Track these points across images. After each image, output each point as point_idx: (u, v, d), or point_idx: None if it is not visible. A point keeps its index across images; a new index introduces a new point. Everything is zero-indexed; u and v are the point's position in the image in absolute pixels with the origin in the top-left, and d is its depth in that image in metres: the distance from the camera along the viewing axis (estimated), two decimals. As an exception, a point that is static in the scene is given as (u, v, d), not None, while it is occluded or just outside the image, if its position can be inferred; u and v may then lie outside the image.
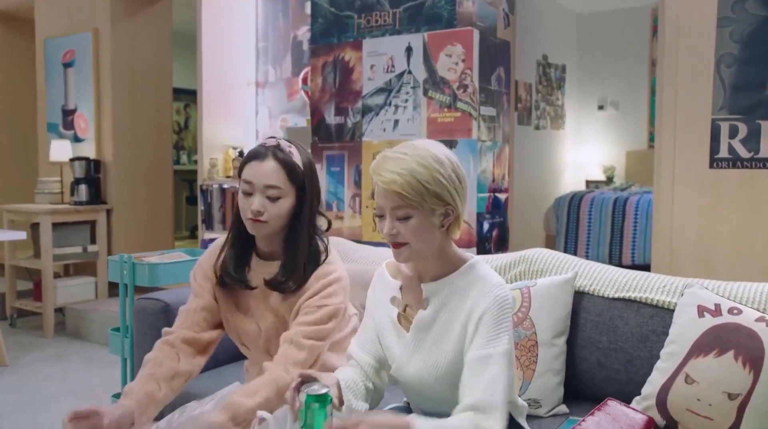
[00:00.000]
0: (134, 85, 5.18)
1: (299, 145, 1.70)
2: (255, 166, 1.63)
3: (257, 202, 1.61)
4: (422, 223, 1.40)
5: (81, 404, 1.50)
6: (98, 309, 4.63)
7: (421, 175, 1.37)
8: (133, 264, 2.53)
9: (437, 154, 1.41)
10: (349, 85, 3.72)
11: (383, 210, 1.42)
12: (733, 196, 2.65)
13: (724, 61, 2.65)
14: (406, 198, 1.37)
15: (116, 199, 5.10)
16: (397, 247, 1.43)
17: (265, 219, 1.62)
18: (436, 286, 1.49)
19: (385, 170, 1.39)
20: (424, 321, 1.49)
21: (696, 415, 1.56)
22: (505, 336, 1.40)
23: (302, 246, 1.68)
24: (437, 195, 1.39)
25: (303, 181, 1.64)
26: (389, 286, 1.57)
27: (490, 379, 1.36)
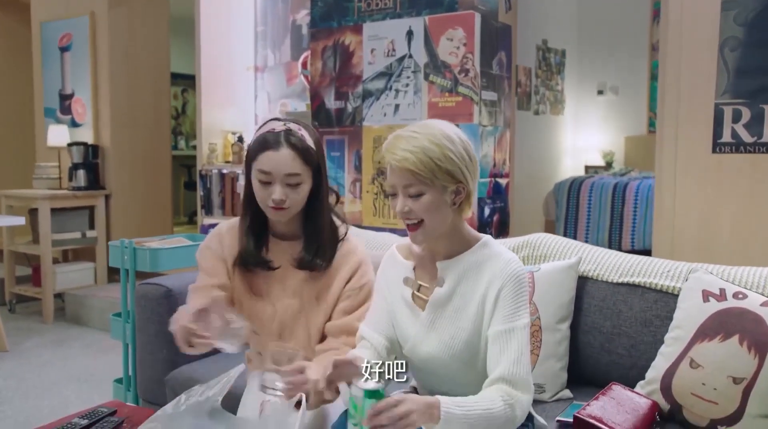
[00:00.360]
0: (132, 70, 5.14)
1: (305, 124, 1.68)
2: (271, 155, 1.59)
3: (278, 191, 1.59)
4: (434, 200, 1.42)
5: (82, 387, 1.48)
6: (98, 294, 4.62)
7: (433, 152, 1.39)
8: (134, 249, 2.52)
9: (448, 132, 1.44)
10: (350, 69, 3.69)
11: (395, 188, 1.45)
12: (735, 180, 2.64)
13: (728, 45, 2.63)
14: (418, 175, 1.39)
15: (115, 185, 5.08)
16: (413, 229, 1.46)
17: (287, 206, 1.61)
18: (450, 263, 1.51)
19: (397, 148, 1.41)
20: (440, 298, 1.50)
21: (701, 399, 1.57)
22: (524, 309, 1.45)
23: (323, 224, 1.69)
24: (449, 172, 1.41)
25: (318, 162, 1.65)
26: (402, 267, 1.58)
27: (515, 351, 1.40)
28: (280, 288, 1.73)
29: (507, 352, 1.40)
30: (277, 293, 1.73)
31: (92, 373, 3.53)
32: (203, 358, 2.29)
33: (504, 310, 1.43)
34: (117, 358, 3.71)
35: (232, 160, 4.40)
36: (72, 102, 5.22)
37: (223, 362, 2.21)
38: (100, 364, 3.70)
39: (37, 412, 3.00)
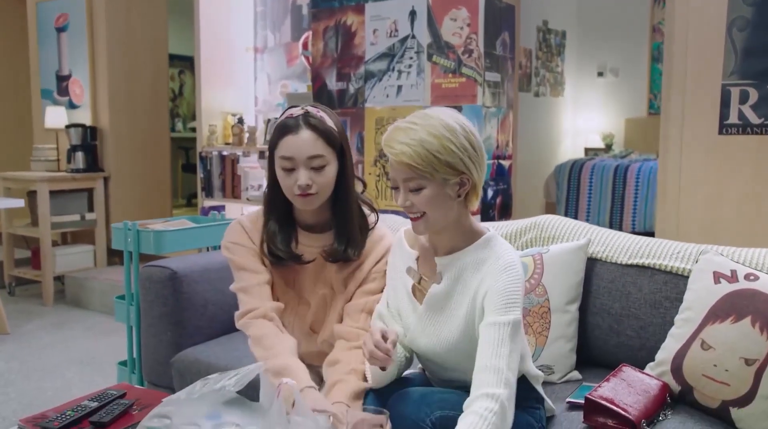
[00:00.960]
0: (130, 50, 5.09)
1: (324, 108, 1.64)
2: (291, 140, 1.55)
3: (303, 176, 1.54)
4: (435, 194, 1.38)
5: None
6: (98, 277, 4.61)
7: (431, 144, 1.35)
8: (138, 231, 2.50)
9: (449, 122, 1.38)
10: (351, 50, 3.66)
11: (396, 182, 1.41)
12: (741, 162, 2.63)
13: (736, 25, 2.61)
14: (416, 169, 1.35)
15: (114, 167, 5.05)
16: (415, 220, 1.43)
17: (314, 191, 1.56)
18: (450, 259, 1.47)
19: (394, 141, 1.37)
20: (437, 296, 1.48)
21: (712, 381, 1.56)
22: (516, 305, 1.38)
23: (352, 211, 1.65)
24: (449, 164, 1.36)
25: (341, 144, 1.60)
26: (406, 256, 1.56)
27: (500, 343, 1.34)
28: (313, 281, 1.69)
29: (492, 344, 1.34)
30: (311, 287, 1.70)
31: (94, 356, 3.53)
32: (208, 340, 2.29)
33: (494, 303, 1.37)
34: (119, 341, 3.72)
35: (233, 141, 4.37)
36: (69, 83, 5.16)
37: (226, 344, 2.20)
38: (102, 346, 3.69)
39: (40, 394, 2.99)
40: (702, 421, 1.56)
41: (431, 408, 1.38)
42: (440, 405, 1.40)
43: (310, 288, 1.70)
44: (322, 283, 1.69)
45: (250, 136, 4.27)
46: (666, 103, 2.86)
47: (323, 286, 1.69)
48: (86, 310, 4.51)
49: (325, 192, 1.60)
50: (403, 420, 1.37)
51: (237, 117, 4.43)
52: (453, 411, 1.40)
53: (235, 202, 4.32)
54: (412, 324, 1.53)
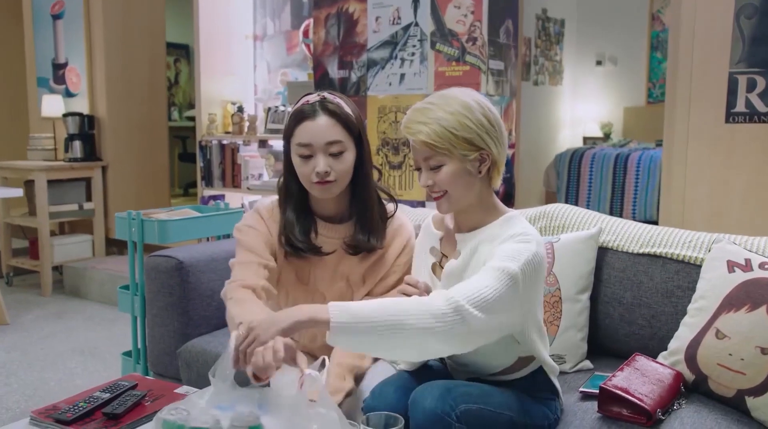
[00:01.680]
0: (127, 38, 5.03)
1: (341, 95, 1.62)
2: (308, 126, 1.52)
3: (322, 162, 1.52)
4: (456, 171, 1.40)
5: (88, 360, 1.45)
6: (97, 267, 4.58)
7: (447, 121, 1.36)
8: (142, 221, 2.48)
9: (465, 99, 1.40)
10: (353, 37, 3.62)
11: (418, 163, 1.44)
12: (748, 151, 2.62)
13: (744, 12, 2.59)
14: (434, 146, 1.37)
15: (111, 156, 5.01)
16: (438, 199, 1.44)
17: (333, 178, 1.54)
18: (469, 235, 1.49)
19: (412, 122, 1.39)
20: (454, 270, 1.48)
21: (728, 370, 1.56)
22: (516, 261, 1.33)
23: (372, 200, 1.63)
24: (467, 140, 1.38)
25: (359, 130, 1.58)
26: (432, 237, 1.58)
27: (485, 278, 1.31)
28: (330, 275, 1.65)
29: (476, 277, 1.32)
30: (328, 281, 1.66)
31: (96, 346, 3.51)
32: (215, 330, 2.27)
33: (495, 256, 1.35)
34: (120, 331, 3.70)
35: (233, 130, 4.34)
36: (66, 71, 5.11)
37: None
38: (103, 336, 3.67)
39: (43, 384, 2.98)
40: (717, 411, 1.56)
41: (456, 402, 1.37)
42: (464, 398, 1.39)
43: (327, 282, 1.66)
44: (340, 276, 1.66)
45: (251, 124, 4.24)
46: (671, 91, 2.85)
47: (340, 279, 1.66)
48: (85, 300, 4.48)
49: (344, 179, 1.57)
50: (428, 414, 1.36)
51: (237, 106, 4.39)
52: (477, 404, 1.40)
53: (235, 192, 4.29)
54: None
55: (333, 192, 1.57)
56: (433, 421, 1.35)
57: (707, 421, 1.51)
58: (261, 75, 4.64)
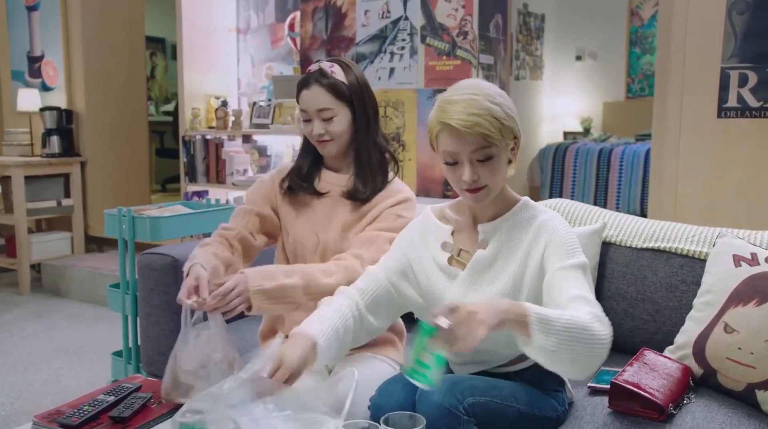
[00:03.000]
0: (106, 31, 4.92)
1: (343, 62, 1.77)
2: (305, 94, 1.73)
3: (316, 126, 1.72)
4: (501, 161, 1.40)
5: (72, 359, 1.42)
6: (76, 265, 4.49)
7: (497, 112, 1.36)
8: (134, 218, 2.42)
9: (498, 89, 1.42)
10: (342, 31, 3.59)
11: (458, 156, 1.38)
12: (741, 146, 2.65)
13: (736, 8, 2.61)
14: (490, 137, 1.35)
15: (90, 151, 4.90)
16: (476, 192, 1.40)
17: (328, 138, 1.73)
18: (493, 225, 1.48)
19: (461, 113, 1.34)
20: (483, 260, 1.47)
21: (737, 364, 1.56)
22: (578, 251, 1.40)
23: (371, 156, 1.77)
24: (511, 130, 1.40)
25: (350, 96, 1.73)
26: (439, 232, 1.54)
27: (579, 281, 1.35)
28: (328, 218, 1.80)
29: (570, 279, 1.34)
30: (323, 224, 1.80)
31: (80, 345, 3.43)
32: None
33: (556, 256, 1.38)
34: (105, 330, 3.63)
35: (217, 125, 4.27)
36: (42, 64, 4.99)
37: (234, 332, 2.15)
38: (87, 336, 3.59)
39: (28, 386, 2.90)
40: (726, 404, 1.56)
41: (463, 395, 1.37)
42: (471, 391, 1.39)
43: (323, 226, 1.80)
44: (336, 223, 1.78)
45: (236, 119, 4.17)
46: (661, 86, 2.86)
47: (334, 225, 1.78)
48: (65, 298, 4.39)
49: (340, 139, 1.75)
50: (437, 408, 1.35)
51: (221, 100, 4.32)
52: (484, 397, 1.40)
53: (219, 187, 4.23)
54: (449, 295, 1.50)
55: (331, 150, 1.76)
56: (442, 415, 1.34)
57: (718, 415, 1.52)
58: (244, 69, 4.57)
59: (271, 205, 1.86)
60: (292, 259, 1.85)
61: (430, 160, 3.42)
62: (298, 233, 1.82)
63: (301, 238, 1.81)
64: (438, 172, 3.40)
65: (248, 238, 1.80)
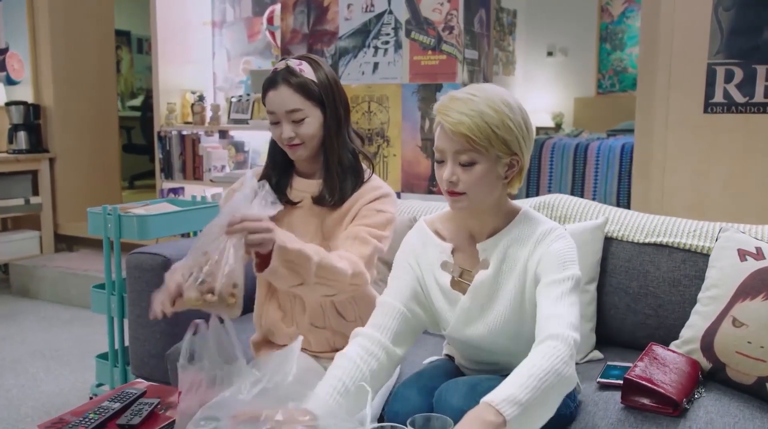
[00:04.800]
0: (73, 23, 4.77)
1: (311, 58, 1.67)
2: (272, 95, 1.63)
3: (285, 129, 1.63)
4: (486, 172, 1.33)
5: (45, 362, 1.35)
6: (47, 264, 4.35)
7: (491, 118, 1.30)
8: (119, 216, 2.34)
9: (508, 99, 1.34)
10: (324, 25, 3.53)
11: (444, 154, 1.35)
12: (727, 140, 2.69)
13: (722, 4, 2.64)
14: (473, 141, 1.29)
15: (59, 147, 4.75)
16: (454, 196, 1.35)
17: (298, 142, 1.64)
18: (492, 242, 1.43)
19: (452, 111, 1.31)
20: (486, 281, 1.42)
21: (747, 357, 1.57)
22: (571, 264, 1.36)
23: (336, 158, 1.67)
24: (505, 142, 1.32)
25: (321, 95, 1.64)
26: (437, 249, 1.48)
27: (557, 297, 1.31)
28: (304, 228, 1.71)
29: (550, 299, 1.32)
30: (302, 234, 1.68)
31: (56, 349, 3.32)
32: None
33: (549, 266, 1.35)
34: (80, 332, 3.52)
35: (193, 120, 4.17)
36: (6, 57, 4.81)
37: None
38: (62, 338, 3.48)
39: (5, 392, 2.79)
40: (737, 398, 1.57)
41: (484, 395, 1.34)
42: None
43: (301, 233, 1.67)
44: (313, 230, 1.70)
45: (213, 114, 4.08)
46: (645, 81, 2.89)
47: (314, 234, 1.70)
48: (36, 300, 4.25)
49: (311, 142, 1.65)
50: (455, 411, 1.32)
51: (197, 94, 4.23)
52: None
53: (196, 184, 4.14)
54: (452, 320, 1.47)
55: (302, 154, 1.66)
56: (461, 418, 1.32)
57: (730, 408, 1.53)
58: (220, 63, 4.48)
59: None
60: None
61: (414, 156, 3.39)
62: None
63: None
64: (423, 168, 3.38)
65: None
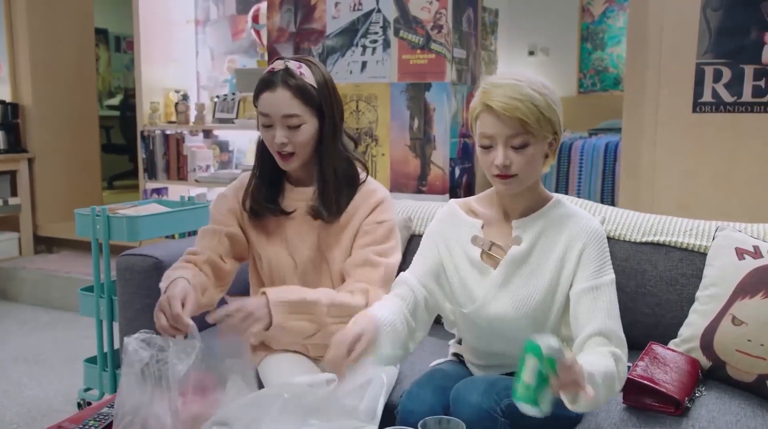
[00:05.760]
0: (53, 20, 4.68)
1: (310, 61, 1.61)
2: (268, 97, 1.55)
3: (279, 134, 1.55)
4: (537, 152, 1.39)
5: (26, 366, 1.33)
6: (27, 267, 4.27)
7: (539, 101, 1.35)
8: (108, 217, 2.30)
9: (544, 81, 1.41)
10: (311, 23, 3.50)
11: (494, 139, 1.38)
12: (716, 140, 2.71)
13: (710, 5, 2.67)
14: (527, 124, 1.34)
15: (38, 147, 4.66)
16: (506, 178, 1.39)
17: (291, 150, 1.57)
18: (527, 221, 1.47)
19: (502, 96, 1.35)
20: (518, 256, 1.46)
21: (747, 356, 1.58)
22: (609, 266, 1.45)
23: (335, 168, 1.61)
24: (551, 122, 1.39)
25: (320, 102, 1.57)
26: (468, 226, 1.52)
27: (607, 307, 1.40)
28: (299, 239, 1.66)
29: (597, 308, 1.39)
30: (296, 244, 1.66)
31: (39, 353, 3.25)
32: (200, 331, 2.14)
33: (588, 267, 1.42)
34: (63, 335, 3.46)
35: (178, 120, 4.12)
36: (-17, 56, 4.71)
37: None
38: (45, 342, 3.41)
39: (-12, 398, 2.73)
40: (738, 396, 1.58)
41: (500, 396, 1.35)
42: (507, 393, 1.36)
43: (296, 246, 1.66)
44: (309, 242, 1.65)
45: (198, 113, 4.04)
46: (632, 80, 2.90)
47: (310, 246, 1.65)
48: (16, 303, 4.16)
49: (303, 151, 1.58)
50: (474, 409, 1.33)
51: (181, 93, 4.17)
52: None
53: (181, 184, 4.09)
54: (480, 294, 1.48)
55: (293, 165, 1.59)
56: (480, 417, 1.33)
57: (731, 406, 1.54)
58: (203, 62, 4.43)
59: (239, 223, 1.70)
60: (268, 283, 1.70)
61: (403, 156, 3.38)
62: (272, 257, 1.67)
63: (277, 262, 1.67)
64: (412, 167, 3.37)
65: (218, 263, 1.64)
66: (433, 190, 3.27)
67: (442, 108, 3.25)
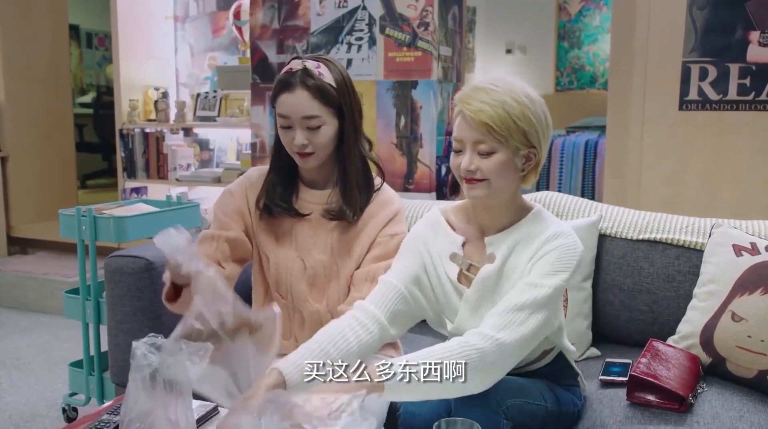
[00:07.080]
0: (25, 16, 4.55)
1: (328, 60, 1.58)
2: (287, 98, 1.52)
3: (299, 136, 1.52)
4: (504, 162, 1.32)
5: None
6: (1, 269, 4.15)
7: (513, 108, 1.30)
8: (95, 218, 2.24)
9: (529, 91, 1.35)
10: (295, 20, 3.46)
11: (463, 143, 1.34)
12: (702, 138, 2.74)
13: (696, 3, 2.69)
14: (493, 130, 1.30)
15: (11, 146, 4.54)
16: (473, 183, 1.34)
17: (311, 151, 1.55)
18: (500, 237, 1.41)
19: (474, 100, 1.31)
20: (490, 275, 1.40)
21: (747, 351, 1.60)
22: (563, 274, 1.34)
23: (354, 169, 1.60)
24: (525, 133, 1.32)
25: (339, 102, 1.55)
26: (449, 240, 1.46)
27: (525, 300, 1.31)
28: (311, 242, 1.62)
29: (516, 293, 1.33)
30: (307, 247, 1.62)
31: (17, 357, 3.17)
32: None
33: (540, 269, 1.34)
34: (42, 339, 3.38)
35: (157, 118, 4.05)
36: (-47, 52, 4.57)
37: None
38: (23, 346, 3.33)
39: (-32, 405, 2.65)
40: (739, 392, 1.60)
41: (502, 397, 1.34)
42: (509, 393, 1.36)
43: (308, 249, 1.62)
44: (322, 246, 1.62)
45: (179, 111, 3.97)
46: (617, 79, 2.92)
47: (322, 249, 1.62)
48: (-10, 306, 4.06)
49: (323, 151, 1.57)
50: (477, 409, 1.31)
51: (161, 91, 4.10)
52: (520, 398, 1.38)
53: (161, 183, 4.02)
54: (458, 311, 1.45)
55: (312, 163, 1.58)
56: (483, 418, 1.29)
57: (733, 402, 1.55)
58: (183, 59, 4.35)
59: (245, 224, 1.65)
60: (274, 286, 1.67)
61: (389, 154, 3.35)
62: (280, 259, 1.64)
63: (285, 264, 1.63)
64: (398, 165, 3.35)
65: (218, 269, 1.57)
66: (420, 189, 3.25)
67: (428, 106, 3.23)
